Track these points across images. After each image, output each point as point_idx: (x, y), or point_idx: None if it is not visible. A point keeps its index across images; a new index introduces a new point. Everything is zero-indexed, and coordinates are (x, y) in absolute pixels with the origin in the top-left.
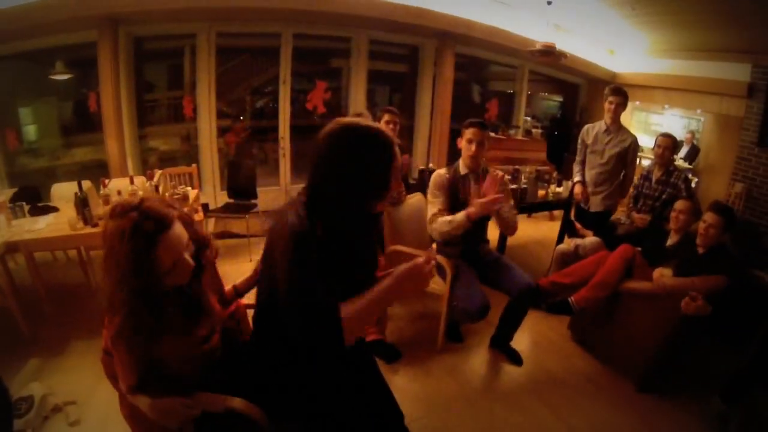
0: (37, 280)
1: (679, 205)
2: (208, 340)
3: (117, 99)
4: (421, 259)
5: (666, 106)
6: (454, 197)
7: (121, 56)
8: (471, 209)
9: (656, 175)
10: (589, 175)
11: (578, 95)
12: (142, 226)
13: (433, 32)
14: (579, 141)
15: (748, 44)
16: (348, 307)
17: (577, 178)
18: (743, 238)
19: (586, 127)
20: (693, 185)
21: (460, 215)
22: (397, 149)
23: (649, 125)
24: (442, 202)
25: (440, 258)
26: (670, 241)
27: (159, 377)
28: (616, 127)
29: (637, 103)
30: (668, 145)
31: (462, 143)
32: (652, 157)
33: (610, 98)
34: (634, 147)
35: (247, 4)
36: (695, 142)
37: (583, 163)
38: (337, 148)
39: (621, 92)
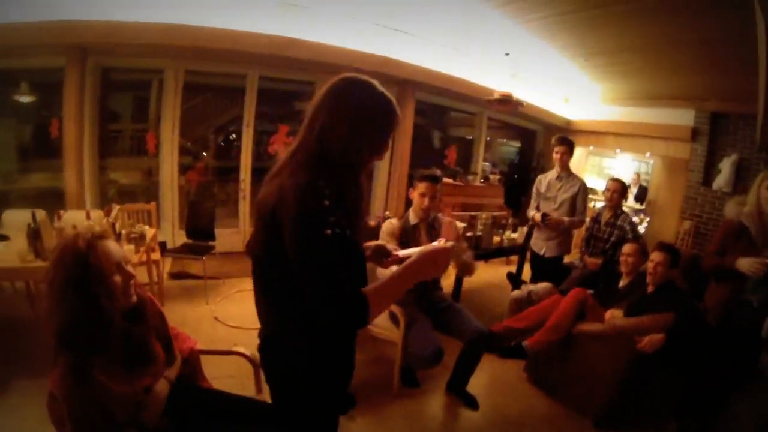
0: None
1: (627, 248)
2: (150, 388)
3: (80, 128)
4: (441, 244)
5: (618, 150)
6: (405, 245)
7: (88, 85)
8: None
9: (605, 217)
10: None
11: (535, 141)
12: (75, 242)
13: (395, 80)
14: (534, 190)
15: (691, 91)
16: (369, 287)
17: (533, 210)
18: (691, 272)
19: (539, 176)
20: (644, 225)
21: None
22: (397, 107)
23: (602, 168)
24: None
25: (393, 306)
26: (622, 282)
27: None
28: (566, 173)
29: (591, 148)
30: (617, 188)
31: (414, 195)
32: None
33: (556, 148)
34: (583, 191)
35: (217, 46)
36: (643, 183)
37: (537, 209)
38: (344, 99)
39: (565, 141)
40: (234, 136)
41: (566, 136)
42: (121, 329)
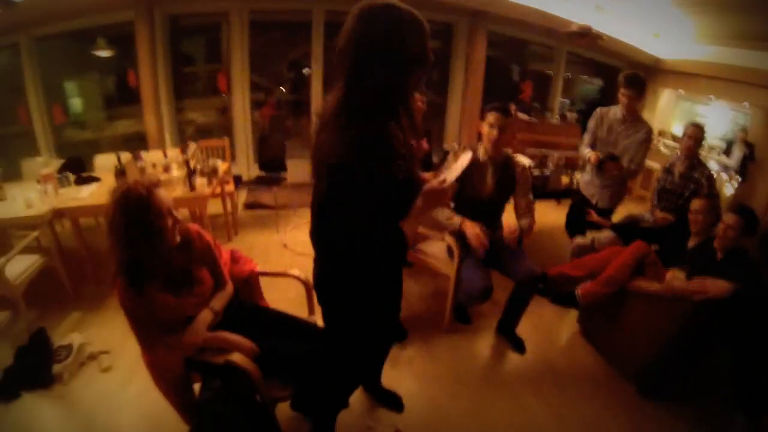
0: (80, 243)
1: (695, 204)
2: (201, 305)
3: (154, 76)
4: (435, 182)
5: (711, 97)
6: (467, 183)
7: (157, 34)
8: (468, 226)
9: (679, 168)
10: None
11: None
12: (136, 189)
13: (466, 10)
14: (590, 124)
15: None
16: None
17: (588, 150)
18: None
19: (599, 111)
20: (733, 184)
21: (456, 220)
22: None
23: (693, 116)
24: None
25: (449, 239)
26: (691, 243)
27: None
28: (633, 117)
29: (681, 91)
30: (697, 135)
31: (484, 128)
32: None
33: (623, 90)
34: (647, 139)
35: None
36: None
37: (592, 147)
38: (369, 29)
39: (635, 83)
40: (307, 70)
41: (637, 74)
42: (168, 259)
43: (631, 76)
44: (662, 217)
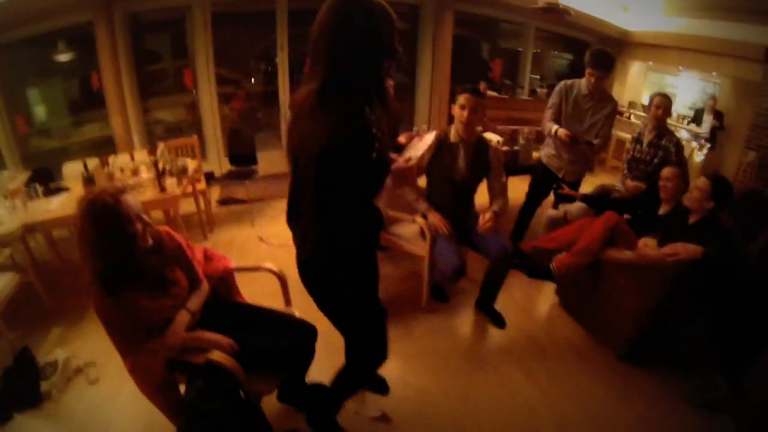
0: (55, 256)
1: (666, 172)
2: (177, 306)
3: (117, 76)
4: (401, 161)
5: (680, 68)
6: (440, 165)
7: (118, 33)
8: (430, 214)
9: (648, 137)
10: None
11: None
12: (102, 197)
13: None
14: (554, 98)
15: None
16: None
17: (555, 126)
18: (747, 208)
19: (564, 84)
20: (703, 153)
21: (422, 206)
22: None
23: (663, 87)
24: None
25: (420, 221)
26: (662, 210)
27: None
28: (601, 93)
29: (651, 63)
30: (665, 105)
31: (455, 109)
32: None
33: (590, 70)
34: (612, 113)
35: None
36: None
37: (557, 122)
38: (342, 19)
39: (604, 63)
40: (277, 60)
41: (605, 52)
42: (142, 264)
43: (599, 56)
44: (633, 185)
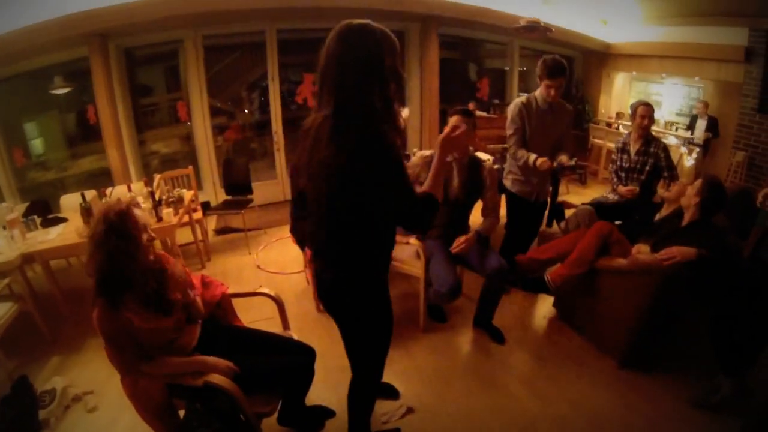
0: (53, 286)
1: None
2: (176, 329)
3: (113, 110)
4: (447, 130)
5: (663, 75)
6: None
7: (114, 68)
8: None
9: (634, 146)
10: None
11: (573, 68)
12: (117, 203)
13: (415, 16)
14: (514, 119)
15: (744, 7)
16: (424, 187)
17: (533, 156)
18: (739, 207)
19: (518, 103)
20: (693, 156)
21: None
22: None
23: (649, 95)
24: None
25: (414, 242)
26: (657, 216)
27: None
28: (558, 103)
29: (634, 73)
30: (651, 114)
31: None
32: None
33: (549, 81)
34: (572, 120)
35: (228, 7)
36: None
37: (523, 145)
38: (348, 46)
39: (562, 72)
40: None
41: (560, 62)
42: (144, 276)
43: (555, 65)
44: (627, 189)
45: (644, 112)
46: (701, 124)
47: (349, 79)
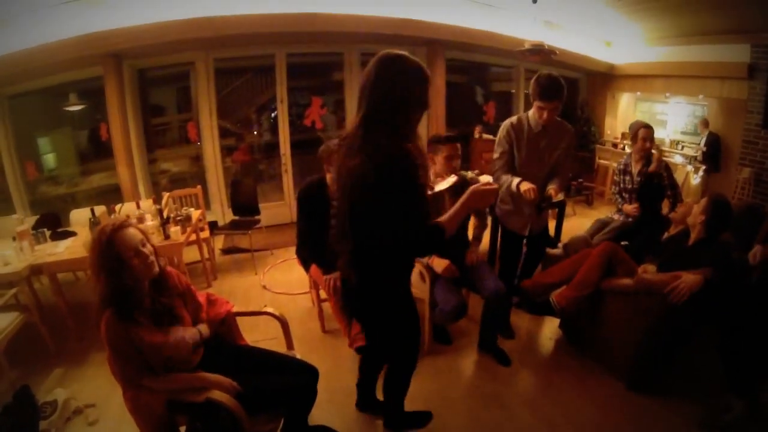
0: (60, 299)
1: (641, 132)
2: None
3: (125, 128)
4: (481, 184)
5: (667, 95)
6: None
7: (127, 88)
8: (436, 263)
9: (636, 167)
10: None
11: (578, 90)
12: (104, 231)
13: (422, 41)
14: (502, 144)
15: (745, 24)
16: (441, 219)
17: (516, 179)
18: (746, 223)
19: (508, 124)
20: (700, 175)
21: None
22: (427, 73)
23: (654, 115)
24: None
25: (418, 265)
26: (665, 236)
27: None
28: (555, 124)
29: (638, 93)
30: (650, 136)
31: (438, 159)
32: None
33: (542, 103)
34: (572, 142)
35: (239, 31)
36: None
37: (507, 169)
38: (383, 72)
39: (559, 93)
40: (275, 113)
41: (556, 80)
42: (147, 295)
43: (548, 86)
44: (632, 207)
45: (646, 135)
46: (703, 142)
47: (380, 100)
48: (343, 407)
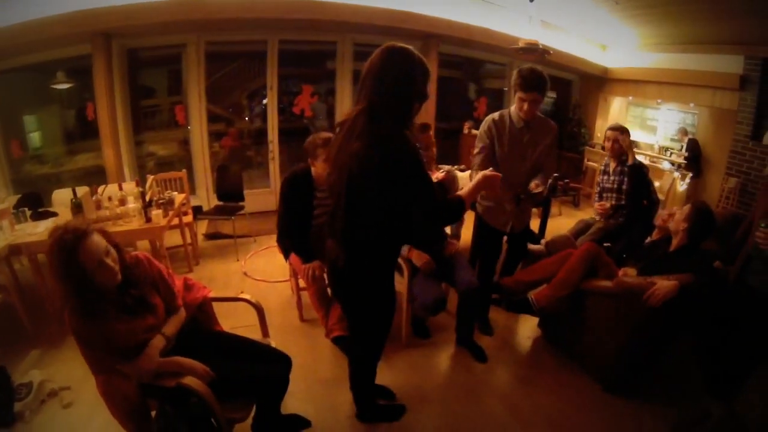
0: (39, 280)
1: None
2: (154, 329)
3: (112, 109)
4: (488, 172)
5: (659, 101)
6: None
7: (116, 68)
8: (415, 255)
9: (612, 167)
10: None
11: (571, 91)
12: (64, 239)
13: (417, 34)
14: (484, 138)
15: (740, 35)
16: (462, 191)
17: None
18: (730, 233)
19: (491, 120)
20: (686, 182)
21: (404, 249)
22: (428, 68)
23: (644, 120)
24: None
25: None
26: (648, 240)
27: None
28: (537, 120)
29: (631, 98)
30: (615, 137)
31: None
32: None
33: (523, 94)
34: (555, 139)
35: (233, 15)
36: (691, 135)
37: (490, 165)
38: (389, 63)
39: (540, 84)
40: (266, 100)
41: (538, 72)
42: (114, 296)
43: (530, 77)
44: (599, 204)
45: (610, 136)
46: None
47: (383, 89)
48: (318, 399)
